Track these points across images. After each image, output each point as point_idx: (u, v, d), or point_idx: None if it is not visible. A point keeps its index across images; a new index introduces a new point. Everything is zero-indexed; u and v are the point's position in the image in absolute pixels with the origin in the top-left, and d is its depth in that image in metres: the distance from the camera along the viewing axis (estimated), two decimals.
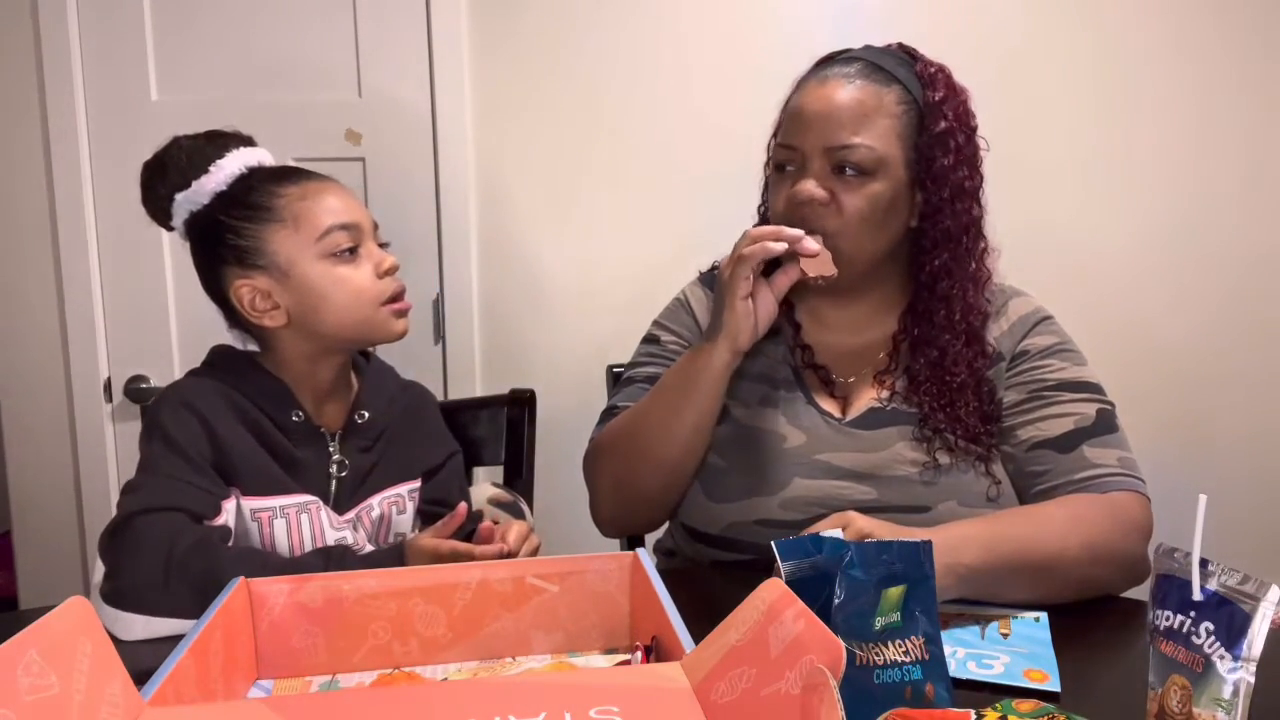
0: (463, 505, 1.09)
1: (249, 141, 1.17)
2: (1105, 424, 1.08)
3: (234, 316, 1.13)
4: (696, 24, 1.90)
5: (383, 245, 1.15)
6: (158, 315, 1.90)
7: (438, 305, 1.93)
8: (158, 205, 1.14)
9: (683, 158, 1.92)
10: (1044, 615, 0.94)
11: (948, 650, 0.77)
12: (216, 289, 1.13)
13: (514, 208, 1.95)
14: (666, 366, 1.19)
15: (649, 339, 1.25)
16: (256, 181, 1.11)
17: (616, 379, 1.45)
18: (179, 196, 1.12)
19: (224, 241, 1.10)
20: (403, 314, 1.13)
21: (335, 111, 1.88)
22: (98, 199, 1.87)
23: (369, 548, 1.12)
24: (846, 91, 1.08)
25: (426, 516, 1.20)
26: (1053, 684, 0.81)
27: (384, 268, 1.12)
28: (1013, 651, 0.87)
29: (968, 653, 0.86)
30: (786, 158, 1.11)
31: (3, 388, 1.93)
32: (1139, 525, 1.01)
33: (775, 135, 1.17)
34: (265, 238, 1.09)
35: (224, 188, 1.11)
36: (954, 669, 0.80)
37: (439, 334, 1.94)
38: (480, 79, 1.90)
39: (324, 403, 1.15)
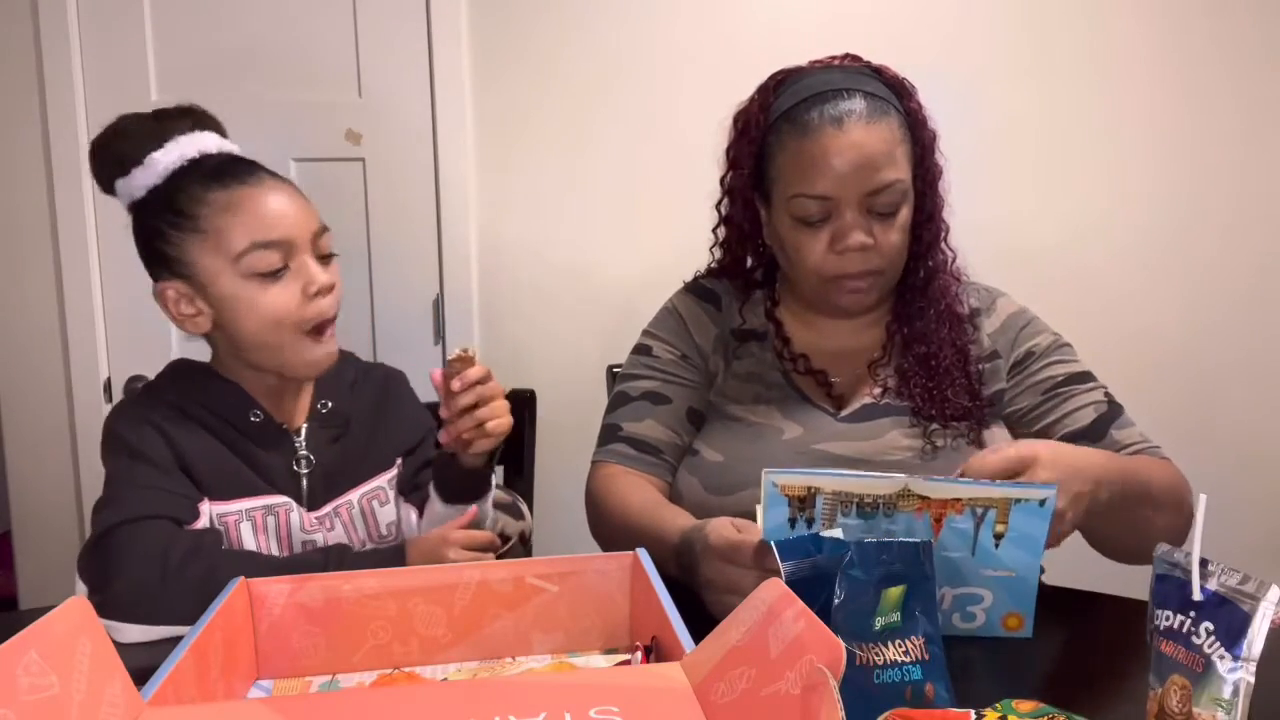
0: (473, 507, 1.09)
1: (201, 121, 1.09)
2: (1115, 406, 1.14)
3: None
4: (696, 26, 1.90)
5: (327, 257, 1.07)
6: (158, 315, 1.88)
7: (438, 305, 1.93)
8: (102, 183, 1.09)
9: (682, 157, 1.90)
10: (1052, 495, 0.82)
11: (938, 585, 0.77)
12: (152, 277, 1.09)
13: (514, 208, 1.95)
14: (662, 378, 1.21)
15: (641, 349, 1.25)
16: (188, 182, 1.03)
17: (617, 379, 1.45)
18: (119, 183, 1.06)
19: (152, 244, 1.05)
20: (325, 337, 1.06)
21: (335, 111, 1.88)
22: (98, 199, 1.86)
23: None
24: (870, 134, 1.05)
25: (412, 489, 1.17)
26: (1025, 630, 0.86)
27: (314, 288, 1.03)
28: (998, 578, 0.85)
29: (955, 594, 0.85)
30: (819, 210, 1.08)
31: (3, 388, 1.93)
32: (1185, 481, 1.07)
33: (766, 178, 1.14)
34: (187, 248, 1.03)
35: (158, 182, 1.04)
36: (940, 619, 0.76)
37: (439, 334, 1.94)
38: (480, 79, 1.90)
39: (283, 398, 1.12)
